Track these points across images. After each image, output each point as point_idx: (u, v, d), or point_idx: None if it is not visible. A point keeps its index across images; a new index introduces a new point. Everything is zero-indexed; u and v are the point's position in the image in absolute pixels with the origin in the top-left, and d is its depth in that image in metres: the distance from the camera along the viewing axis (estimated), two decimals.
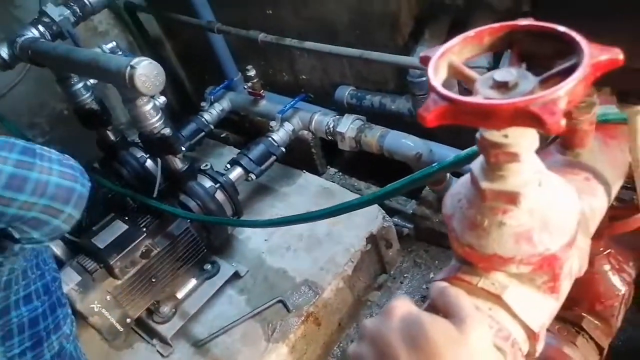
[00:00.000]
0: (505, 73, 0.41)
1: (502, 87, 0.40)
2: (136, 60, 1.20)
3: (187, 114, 2.53)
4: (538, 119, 0.35)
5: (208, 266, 1.58)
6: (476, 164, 0.48)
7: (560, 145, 0.63)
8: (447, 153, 1.68)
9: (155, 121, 1.36)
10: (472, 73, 0.43)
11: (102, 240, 1.37)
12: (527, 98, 0.36)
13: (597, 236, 0.64)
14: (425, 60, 0.45)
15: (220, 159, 2.09)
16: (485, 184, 0.46)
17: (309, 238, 1.62)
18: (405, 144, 1.58)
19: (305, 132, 1.89)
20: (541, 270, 0.49)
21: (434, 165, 0.80)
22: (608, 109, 0.61)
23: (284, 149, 1.74)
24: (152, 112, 1.35)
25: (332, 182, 2.03)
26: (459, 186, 0.52)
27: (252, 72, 1.86)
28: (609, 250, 0.83)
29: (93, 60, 1.29)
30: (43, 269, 0.84)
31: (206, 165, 1.58)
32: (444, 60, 0.44)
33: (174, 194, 1.50)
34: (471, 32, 0.45)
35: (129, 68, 1.19)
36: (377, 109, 1.86)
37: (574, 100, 0.36)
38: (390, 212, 1.89)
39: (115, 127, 1.78)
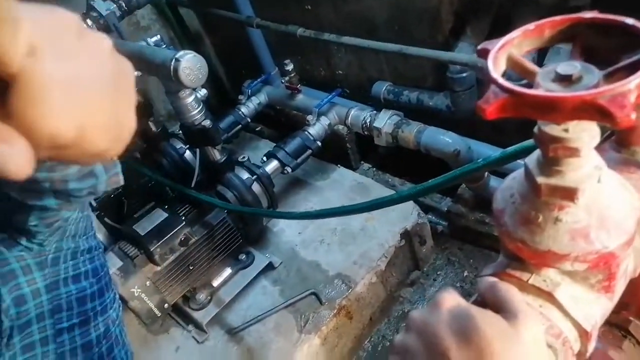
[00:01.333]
0: (569, 66, 0.40)
1: (566, 80, 0.40)
2: (181, 53, 1.23)
3: (225, 108, 2.57)
4: (607, 113, 0.34)
5: (243, 256, 1.61)
6: (532, 159, 0.47)
7: (615, 143, 0.62)
8: (486, 151, 1.65)
9: (196, 113, 1.39)
10: (532, 66, 0.43)
11: (143, 228, 1.41)
12: (595, 91, 0.35)
13: None
14: (484, 53, 0.44)
15: (257, 151, 2.12)
16: (541, 179, 0.45)
17: (342, 232, 1.62)
18: (443, 140, 1.56)
19: (341, 126, 1.90)
20: (597, 269, 0.48)
21: (478, 160, 0.79)
22: None
23: (319, 143, 1.75)
24: (193, 104, 1.38)
25: (367, 177, 2.03)
26: (510, 181, 0.52)
27: (289, 67, 1.88)
28: None
29: (139, 53, 1.33)
30: (93, 254, 0.87)
31: (243, 157, 1.60)
32: (504, 52, 0.44)
33: (212, 185, 1.54)
34: (531, 25, 0.44)
35: (173, 61, 1.22)
36: (415, 105, 1.84)
37: None
38: (425, 208, 1.88)
39: (156, 119, 1.84)
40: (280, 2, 2.14)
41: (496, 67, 0.43)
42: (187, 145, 1.74)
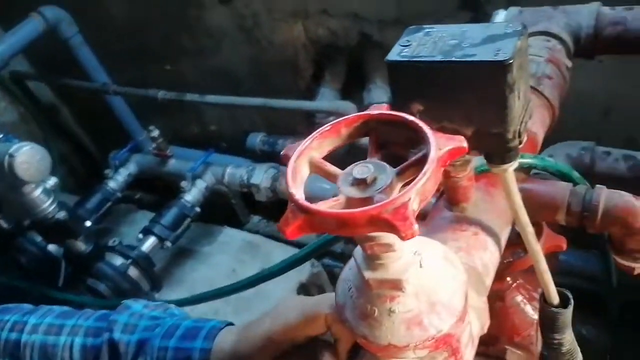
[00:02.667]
0: (363, 168, 0.39)
1: (361, 184, 0.39)
2: (15, 147, 1.11)
3: (95, 177, 2.39)
4: (392, 226, 0.34)
5: None
6: (357, 253, 0.46)
7: (446, 201, 0.64)
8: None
9: (47, 206, 1.26)
10: (333, 169, 0.42)
11: None
12: (379, 205, 0.34)
13: (498, 278, 0.65)
14: (285, 159, 0.43)
15: (134, 226, 1.97)
16: (368, 274, 0.44)
17: (236, 300, 1.54)
18: (322, 187, 1.57)
19: (219, 186, 1.84)
20: (439, 350, 0.47)
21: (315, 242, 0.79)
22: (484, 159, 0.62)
23: (198, 209, 1.67)
24: (42, 197, 1.24)
25: (257, 231, 1.98)
26: (347, 273, 0.50)
27: (155, 133, 1.79)
28: (517, 282, 0.85)
29: None
30: None
31: (114, 240, 1.47)
32: (304, 158, 0.43)
33: (81, 279, 1.38)
34: (327, 126, 0.44)
35: (7, 157, 1.09)
36: None
37: (427, 197, 0.35)
38: (318, 253, 1.87)
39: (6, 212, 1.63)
40: (138, 64, 2.06)
41: (296, 178, 0.41)
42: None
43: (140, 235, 1.56)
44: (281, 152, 0.45)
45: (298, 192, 0.39)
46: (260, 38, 1.70)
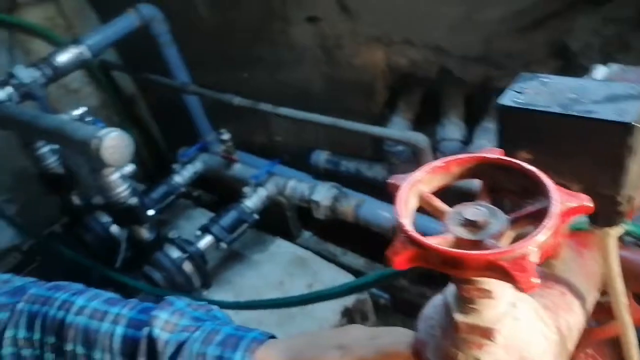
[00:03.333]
0: (475, 210, 0.39)
1: (472, 225, 0.39)
2: (103, 131, 1.17)
3: (161, 171, 2.49)
4: (509, 275, 0.33)
5: None
6: (450, 292, 0.45)
7: None
8: (428, 224, 1.66)
9: (121, 191, 1.32)
10: (442, 206, 0.42)
11: None
12: (497, 251, 0.34)
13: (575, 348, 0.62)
14: (393, 188, 0.43)
15: (191, 221, 2.03)
16: (459, 316, 0.43)
17: (280, 312, 1.55)
18: (382, 215, 1.57)
19: (279, 196, 1.87)
20: None
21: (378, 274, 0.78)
22: (579, 218, 0.60)
23: (256, 216, 1.70)
24: (118, 181, 1.31)
25: (307, 246, 1.99)
26: (431, 310, 0.50)
27: (226, 136, 1.85)
28: (586, 352, 0.80)
29: (59, 129, 1.26)
30: None
31: (174, 233, 1.52)
32: (414, 190, 0.43)
33: (139, 265, 1.44)
34: (439, 162, 0.44)
35: (95, 139, 1.15)
36: (354, 175, 1.85)
37: (548, 253, 0.35)
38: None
39: (81, 190, 1.72)
40: (217, 68, 2.14)
41: (405, 209, 0.41)
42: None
43: (198, 233, 1.61)
44: (388, 180, 0.45)
45: (408, 224, 0.39)
46: (340, 59, 1.73)
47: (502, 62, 1.44)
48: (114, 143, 1.17)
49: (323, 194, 1.64)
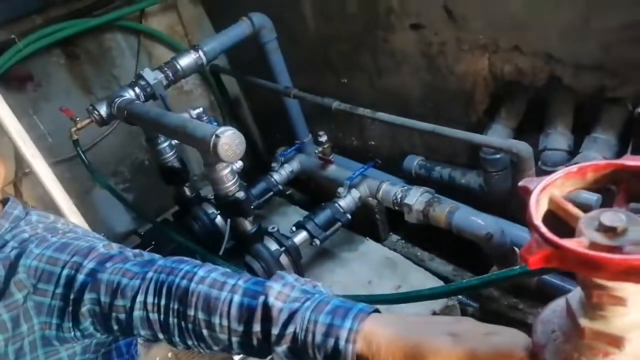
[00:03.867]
0: (614, 216, 0.39)
1: (610, 231, 0.39)
2: (221, 129, 1.28)
3: (257, 170, 2.64)
4: None
5: None
6: (574, 297, 0.45)
7: None
8: (520, 234, 1.62)
9: (230, 184, 1.43)
10: (576, 210, 0.42)
11: None
12: None
13: None
14: (524, 191, 0.44)
15: (285, 218, 2.14)
16: (584, 322, 0.43)
17: None
18: (476, 222, 1.54)
19: (370, 198, 1.90)
20: None
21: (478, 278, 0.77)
22: None
23: (349, 216, 1.75)
24: (229, 176, 1.42)
25: (395, 250, 2.00)
26: (551, 313, 0.50)
27: (323, 138, 1.92)
28: None
29: (181, 126, 1.39)
30: None
31: (273, 227, 1.62)
32: (545, 193, 0.44)
33: (240, 254, 1.54)
34: (574, 167, 0.44)
35: (213, 137, 1.27)
36: (447, 181, 1.84)
37: None
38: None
39: (191, 183, 1.89)
40: (318, 72, 2.23)
41: (538, 210, 0.42)
42: (219, 211, 1.77)
43: (294, 228, 1.69)
44: (518, 183, 0.46)
45: (543, 227, 0.40)
46: (441, 66, 1.73)
47: (619, 71, 1.36)
48: (229, 140, 1.27)
49: (416, 197, 1.65)
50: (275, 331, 0.57)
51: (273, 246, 1.56)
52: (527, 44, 1.49)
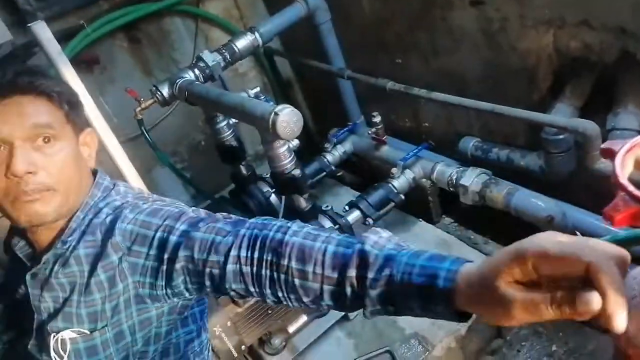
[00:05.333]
0: None
1: None
2: (279, 107, 1.30)
3: (309, 151, 2.66)
4: None
5: None
6: None
7: None
8: (584, 217, 1.55)
9: (287, 162, 1.46)
10: None
11: None
12: None
13: None
14: (608, 153, 0.43)
15: (338, 198, 2.16)
16: None
17: None
18: (536, 204, 1.50)
19: (424, 179, 1.88)
20: None
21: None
22: None
23: (403, 196, 1.74)
24: (286, 153, 1.45)
25: (447, 232, 1.98)
26: (632, 279, 0.49)
27: (377, 119, 1.91)
28: None
29: (240, 105, 1.43)
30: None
31: (327, 205, 1.64)
32: (631, 155, 0.43)
33: None
34: None
35: (272, 114, 1.29)
36: (504, 163, 1.79)
37: None
38: None
39: (246, 162, 1.94)
40: (371, 53, 2.21)
41: (623, 171, 0.41)
42: (273, 190, 1.81)
43: (347, 207, 1.71)
44: (602, 145, 0.45)
45: (630, 185, 0.39)
46: (502, 43, 1.67)
47: None
48: (288, 118, 1.29)
49: (472, 178, 1.62)
50: (370, 275, 0.58)
51: (327, 224, 1.58)
52: (596, 18, 1.42)
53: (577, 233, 1.56)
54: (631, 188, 0.38)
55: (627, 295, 0.48)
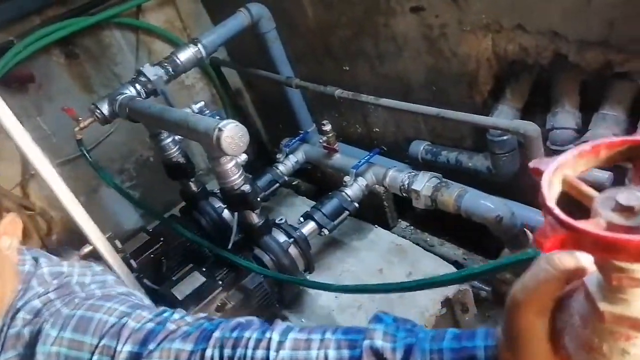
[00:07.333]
0: (630, 195, 0.38)
1: (627, 211, 0.38)
2: (223, 122, 1.27)
3: (261, 160, 2.63)
4: None
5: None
6: (592, 280, 0.44)
7: None
8: (530, 215, 1.60)
9: (235, 178, 1.42)
10: (589, 190, 0.41)
11: (181, 292, 1.42)
12: None
13: None
14: (535, 172, 0.43)
15: (293, 209, 2.13)
16: (604, 306, 0.42)
17: (380, 299, 1.58)
18: (485, 205, 1.53)
19: (377, 185, 1.89)
20: None
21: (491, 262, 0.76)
22: None
23: (356, 204, 1.74)
24: (233, 169, 1.41)
25: (404, 236, 1.99)
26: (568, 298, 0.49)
27: (327, 127, 1.91)
28: None
29: (183, 121, 1.38)
30: None
31: (281, 219, 1.61)
32: (558, 174, 0.42)
33: (249, 247, 1.54)
34: (587, 146, 0.43)
35: (216, 130, 1.25)
36: (453, 165, 1.82)
37: None
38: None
39: (196, 177, 1.88)
40: (318, 60, 2.21)
41: (551, 192, 0.41)
42: (225, 205, 1.77)
43: (301, 219, 1.68)
44: (529, 164, 0.45)
45: (557, 209, 0.39)
46: (443, 48, 1.70)
47: (626, 46, 1.33)
48: (232, 134, 1.26)
49: (424, 183, 1.63)
50: None
51: (281, 238, 1.55)
52: (530, 23, 1.46)
53: (527, 230, 1.61)
54: (558, 212, 0.37)
55: (564, 315, 0.48)
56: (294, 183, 2.56)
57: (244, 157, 1.46)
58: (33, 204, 2.03)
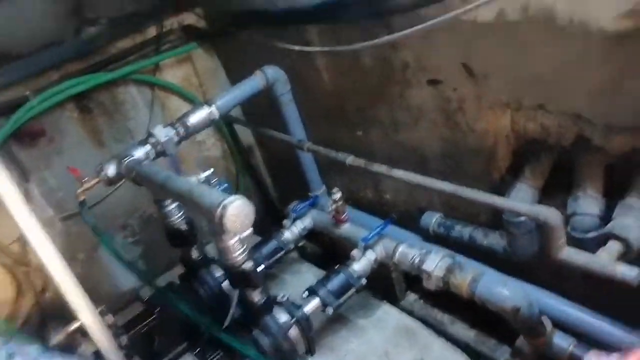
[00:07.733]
0: None
1: None
2: (229, 199, 1.21)
3: (270, 218, 2.56)
4: None
5: None
6: None
7: None
8: (550, 302, 1.50)
9: (237, 255, 1.35)
10: None
11: None
12: None
13: None
14: None
15: (298, 276, 2.04)
16: None
17: None
18: (501, 293, 1.42)
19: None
20: None
21: None
22: None
23: (364, 281, 1.65)
24: (236, 245, 1.35)
25: (411, 311, 1.89)
26: None
27: (337, 195, 1.83)
28: None
29: (188, 192, 1.33)
30: None
31: (283, 296, 1.52)
32: None
33: (247, 326, 1.45)
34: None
35: (220, 208, 1.19)
36: (467, 241, 1.73)
37: None
38: (477, 355, 1.69)
39: (200, 237, 1.80)
40: (332, 124, 2.17)
41: None
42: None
43: (305, 294, 1.59)
44: None
45: None
46: (460, 122, 1.66)
47: None
48: (237, 212, 1.20)
49: (435, 263, 1.53)
50: None
51: (283, 317, 1.46)
52: (552, 103, 1.41)
53: (545, 321, 1.49)
54: None
55: None
56: (300, 244, 2.47)
57: (248, 231, 1.39)
58: (29, 260, 1.98)
